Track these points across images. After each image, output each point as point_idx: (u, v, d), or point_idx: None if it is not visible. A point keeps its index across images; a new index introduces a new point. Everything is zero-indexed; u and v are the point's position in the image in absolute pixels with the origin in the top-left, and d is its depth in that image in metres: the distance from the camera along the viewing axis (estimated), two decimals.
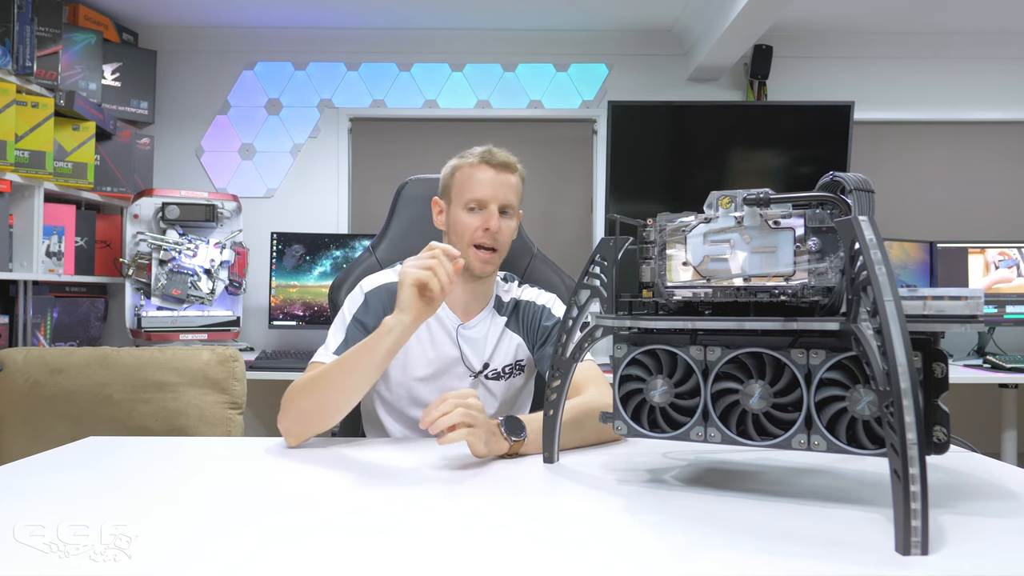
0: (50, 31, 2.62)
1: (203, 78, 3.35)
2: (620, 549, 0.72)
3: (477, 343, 1.43)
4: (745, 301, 0.86)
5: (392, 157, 3.36)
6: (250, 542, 0.74)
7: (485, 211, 1.36)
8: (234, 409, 1.66)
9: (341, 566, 0.68)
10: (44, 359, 1.64)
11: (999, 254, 3.07)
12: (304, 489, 0.97)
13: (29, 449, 1.18)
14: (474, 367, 1.42)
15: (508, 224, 1.39)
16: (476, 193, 1.36)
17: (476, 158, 1.38)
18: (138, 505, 0.86)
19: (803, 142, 3.14)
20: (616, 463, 1.08)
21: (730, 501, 0.87)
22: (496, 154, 1.38)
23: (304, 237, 3.08)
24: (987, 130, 3.36)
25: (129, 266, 2.84)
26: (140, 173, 3.12)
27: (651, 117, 3.14)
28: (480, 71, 3.38)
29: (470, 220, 1.37)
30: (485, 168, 1.37)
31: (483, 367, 1.42)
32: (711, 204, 0.88)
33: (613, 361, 0.92)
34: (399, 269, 1.46)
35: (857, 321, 0.75)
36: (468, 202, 1.37)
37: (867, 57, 3.34)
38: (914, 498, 0.67)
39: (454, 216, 1.39)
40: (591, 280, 0.99)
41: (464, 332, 1.42)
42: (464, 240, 1.37)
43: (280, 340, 3.27)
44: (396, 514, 0.84)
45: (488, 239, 1.36)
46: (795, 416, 0.82)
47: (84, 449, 1.16)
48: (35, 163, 2.52)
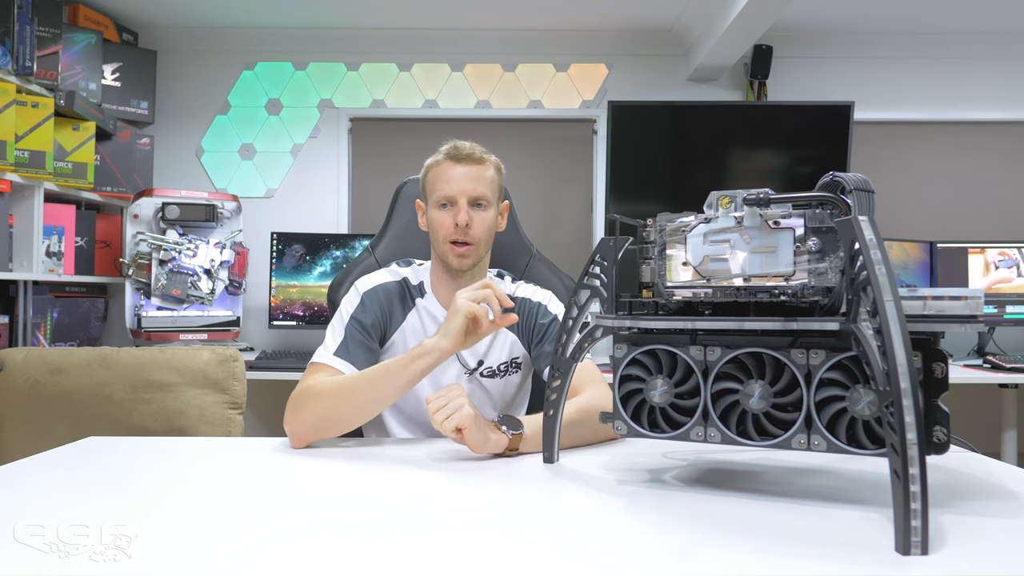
0: (50, 31, 2.62)
1: (203, 78, 3.35)
2: (620, 549, 0.72)
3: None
4: (745, 301, 0.86)
5: (392, 157, 3.36)
6: (250, 542, 0.74)
7: (455, 207, 1.36)
8: (234, 409, 1.66)
9: (342, 566, 0.68)
10: (44, 359, 1.64)
11: (999, 254, 3.07)
12: (304, 489, 0.97)
13: (29, 449, 1.18)
14: (468, 364, 1.42)
15: (482, 216, 1.37)
16: (444, 190, 1.36)
17: (442, 155, 1.38)
18: (138, 505, 0.86)
19: (803, 142, 3.14)
20: (616, 463, 1.08)
21: (730, 501, 0.87)
22: (460, 148, 1.37)
23: (304, 237, 3.08)
24: (987, 130, 3.36)
25: (129, 266, 2.84)
26: (140, 173, 3.12)
27: (651, 117, 3.14)
28: (480, 71, 3.38)
29: (442, 217, 1.37)
30: (450, 164, 1.37)
31: (478, 364, 1.42)
32: (711, 204, 0.88)
33: (613, 361, 0.92)
34: (394, 268, 1.47)
35: (857, 321, 0.75)
36: (438, 200, 1.37)
37: (867, 57, 3.34)
38: (914, 498, 0.67)
39: (430, 216, 1.40)
40: (591, 280, 0.99)
41: None
42: (440, 238, 1.37)
43: (280, 340, 3.27)
44: (396, 514, 0.84)
45: (459, 234, 1.35)
46: (795, 416, 0.82)
47: (84, 449, 1.16)
48: (35, 163, 2.52)
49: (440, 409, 1.07)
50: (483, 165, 1.38)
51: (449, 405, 1.07)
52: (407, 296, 1.43)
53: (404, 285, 1.44)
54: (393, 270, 1.46)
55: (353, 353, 1.31)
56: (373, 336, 1.36)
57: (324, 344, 1.33)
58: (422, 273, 1.47)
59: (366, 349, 1.33)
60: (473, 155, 1.37)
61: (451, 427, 1.05)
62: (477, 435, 1.07)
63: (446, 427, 1.06)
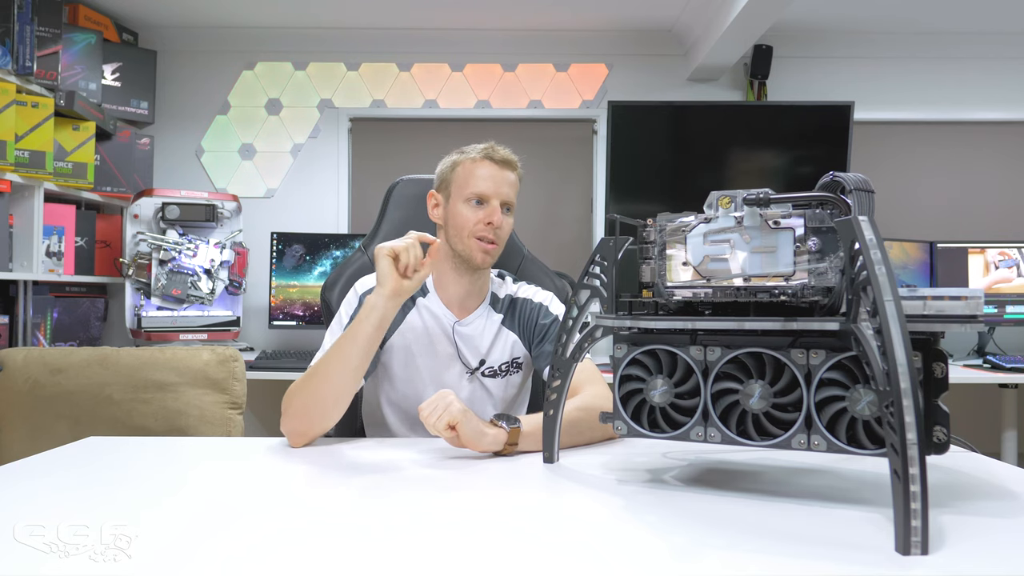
0: (50, 31, 2.62)
1: (203, 78, 3.35)
2: (620, 549, 0.72)
3: (473, 340, 1.43)
4: (745, 301, 0.86)
5: (392, 157, 3.36)
6: (250, 542, 0.74)
7: (488, 205, 1.38)
8: (234, 409, 1.66)
9: (342, 565, 0.68)
10: (44, 359, 1.64)
11: (999, 254, 3.07)
12: (304, 489, 0.97)
13: (29, 449, 1.18)
14: (470, 364, 1.42)
15: (507, 220, 1.41)
16: (479, 188, 1.38)
17: (479, 153, 1.40)
18: (138, 505, 0.86)
19: (803, 142, 3.14)
20: (616, 463, 1.08)
21: (730, 501, 0.87)
22: (499, 151, 1.40)
23: (304, 237, 3.08)
24: (987, 130, 3.36)
25: (129, 266, 2.84)
26: (140, 173, 3.12)
27: (651, 117, 3.14)
28: (480, 71, 3.38)
29: (472, 214, 1.38)
30: (488, 164, 1.39)
31: (479, 364, 1.43)
32: (711, 204, 0.88)
33: (613, 361, 0.92)
34: None
35: (857, 321, 0.75)
36: (470, 196, 1.38)
37: (867, 57, 3.34)
38: (914, 498, 0.67)
39: (454, 209, 1.40)
40: (591, 280, 0.99)
41: (460, 329, 1.43)
42: (465, 232, 1.38)
43: (280, 340, 3.27)
44: (396, 513, 0.84)
45: (490, 233, 1.37)
46: (795, 416, 0.82)
47: (84, 449, 1.16)
48: (35, 163, 2.52)
49: (431, 413, 1.09)
50: (517, 173, 1.42)
51: (438, 407, 1.09)
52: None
53: None
54: None
55: None
56: None
57: (322, 347, 1.34)
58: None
59: None
60: (508, 160, 1.40)
61: (443, 425, 1.07)
62: (470, 429, 1.08)
63: (438, 427, 1.08)
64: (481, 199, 1.38)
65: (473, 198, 1.38)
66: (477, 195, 1.38)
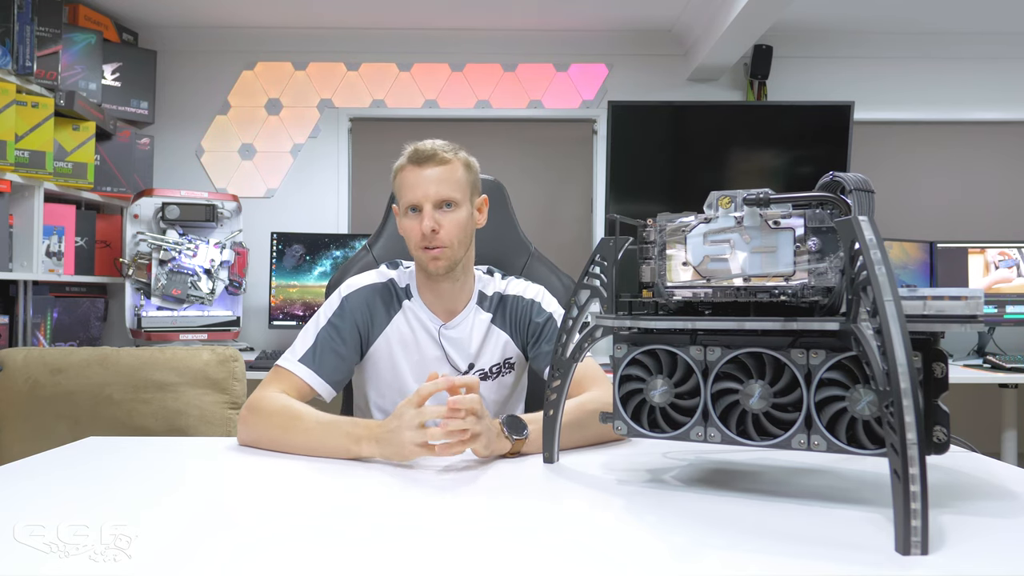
0: (50, 31, 2.62)
1: (203, 78, 3.35)
2: (620, 549, 0.72)
3: (461, 343, 1.40)
4: (745, 301, 0.86)
5: (392, 157, 3.32)
6: (250, 542, 0.74)
7: (420, 212, 1.32)
8: (234, 409, 1.66)
9: (342, 566, 0.68)
10: (44, 359, 1.64)
11: (999, 254, 3.07)
12: (304, 489, 0.97)
13: (29, 449, 1.18)
14: (460, 368, 1.39)
15: (452, 217, 1.32)
16: (408, 196, 1.32)
17: (405, 159, 1.35)
18: (138, 505, 0.86)
19: (803, 142, 3.14)
20: (616, 463, 1.08)
21: (730, 501, 0.87)
22: (421, 150, 1.32)
23: (304, 237, 3.08)
24: (987, 130, 3.36)
25: (129, 266, 2.84)
26: (140, 173, 3.12)
27: (651, 117, 3.14)
28: (480, 71, 3.38)
29: (411, 224, 1.33)
30: (413, 168, 1.32)
31: (469, 367, 1.40)
32: (711, 204, 0.88)
33: (613, 361, 0.92)
34: (382, 270, 1.44)
35: (857, 321, 0.75)
36: (405, 207, 1.34)
37: (867, 57, 3.34)
38: (914, 498, 0.67)
39: (401, 223, 1.37)
40: (591, 280, 0.99)
41: (446, 332, 1.40)
42: (412, 245, 1.34)
43: (280, 340, 3.26)
44: (395, 514, 0.84)
45: (428, 240, 1.31)
46: (795, 416, 0.82)
47: (84, 449, 1.16)
48: (35, 163, 2.52)
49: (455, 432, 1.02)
50: (448, 165, 1.32)
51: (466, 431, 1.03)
52: (393, 298, 1.40)
53: (391, 287, 1.41)
54: (381, 271, 1.43)
55: (321, 360, 1.29)
56: (347, 342, 1.34)
57: (292, 347, 1.31)
58: (408, 276, 1.43)
59: (336, 356, 1.31)
60: (436, 156, 1.31)
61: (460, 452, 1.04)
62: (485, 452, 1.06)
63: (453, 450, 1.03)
64: (415, 207, 1.32)
65: (408, 207, 1.33)
66: (410, 204, 1.32)
